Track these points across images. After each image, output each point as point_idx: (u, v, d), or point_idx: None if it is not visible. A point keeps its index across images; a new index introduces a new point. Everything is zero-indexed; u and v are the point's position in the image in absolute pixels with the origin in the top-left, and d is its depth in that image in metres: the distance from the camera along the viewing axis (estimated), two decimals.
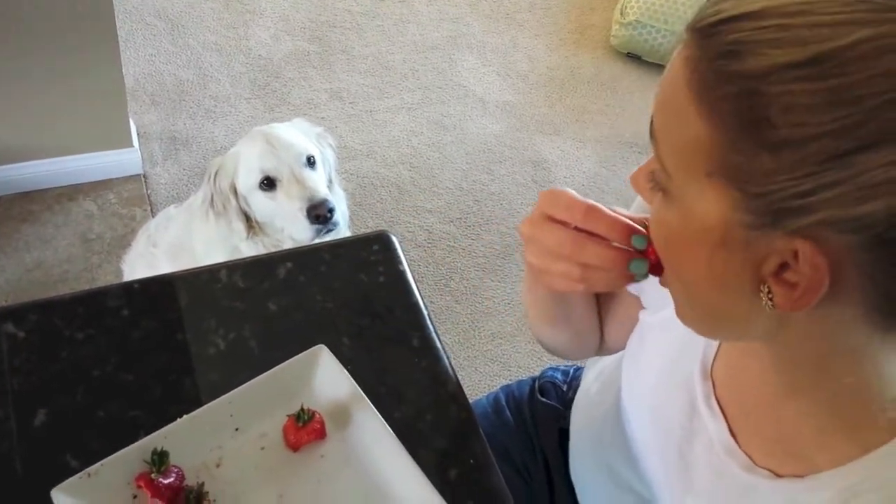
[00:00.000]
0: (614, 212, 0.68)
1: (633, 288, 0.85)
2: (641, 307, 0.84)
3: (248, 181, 1.57)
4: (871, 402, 0.57)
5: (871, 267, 0.47)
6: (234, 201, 1.59)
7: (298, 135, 1.62)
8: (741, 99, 0.47)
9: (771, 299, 0.52)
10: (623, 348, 0.87)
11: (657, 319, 0.80)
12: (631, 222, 0.66)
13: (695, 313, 0.62)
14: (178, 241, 1.72)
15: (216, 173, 1.60)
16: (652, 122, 0.56)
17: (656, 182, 0.57)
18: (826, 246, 0.47)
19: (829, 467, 0.60)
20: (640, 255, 0.65)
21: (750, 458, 0.67)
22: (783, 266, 0.50)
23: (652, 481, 0.82)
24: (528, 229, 0.71)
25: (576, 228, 0.68)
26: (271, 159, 1.55)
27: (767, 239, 0.49)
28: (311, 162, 1.59)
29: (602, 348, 0.96)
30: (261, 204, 1.58)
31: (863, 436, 0.59)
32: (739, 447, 0.68)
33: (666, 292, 0.67)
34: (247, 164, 1.57)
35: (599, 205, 0.68)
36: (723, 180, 0.50)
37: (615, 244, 0.66)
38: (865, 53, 0.44)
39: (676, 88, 0.52)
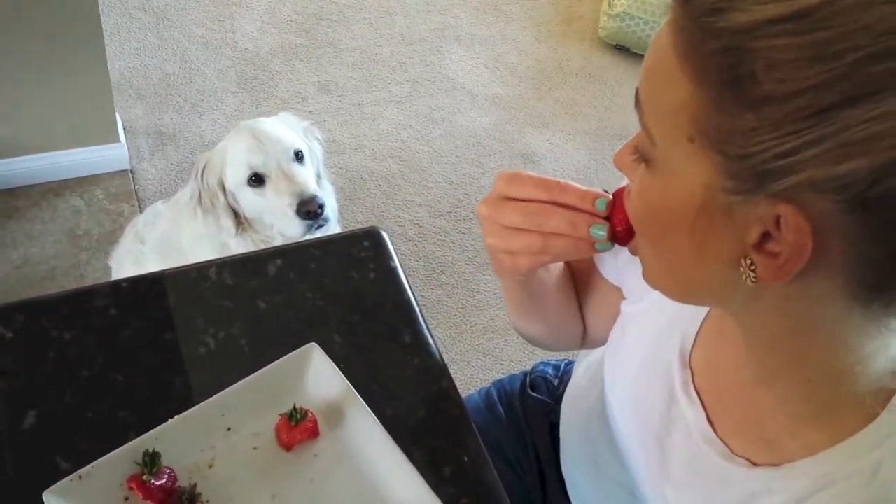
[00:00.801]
0: None
1: (612, 278, 0.85)
2: (623, 298, 0.84)
3: (235, 177, 1.56)
4: (845, 386, 0.57)
5: (853, 231, 0.47)
6: (222, 197, 1.58)
7: (285, 129, 1.61)
8: (726, 55, 0.47)
9: (753, 271, 0.52)
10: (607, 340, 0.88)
11: (638, 310, 0.80)
12: (599, 192, 0.68)
13: (668, 281, 0.62)
14: (165, 238, 1.71)
15: (203, 169, 1.59)
16: (637, 92, 0.56)
17: (640, 153, 0.57)
18: (808, 209, 0.47)
19: (802, 456, 0.61)
20: (603, 220, 0.65)
21: (727, 446, 0.68)
22: (765, 236, 0.50)
23: (635, 473, 0.82)
24: (488, 210, 0.70)
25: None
26: (258, 155, 1.53)
27: (750, 205, 0.49)
28: (298, 156, 1.57)
29: (586, 341, 0.96)
30: (249, 200, 1.57)
31: (835, 424, 0.59)
32: (717, 435, 0.69)
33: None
34: (234, 160, 1.55)
35: (565, 181, 0.69)
36: (705, 144, 0.50)
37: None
38: (849, 7, 0.44)
39: (662, 53, 0.52)
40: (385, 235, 1.00)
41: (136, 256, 1.74)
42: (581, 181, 2.20)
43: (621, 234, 0.64)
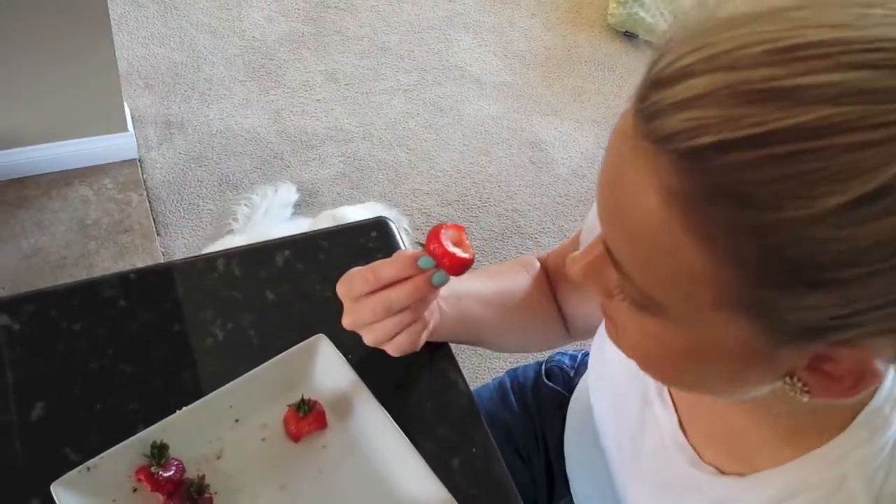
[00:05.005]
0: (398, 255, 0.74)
1: None
2: None
3: None
4: (820, 413, 0.57)
5: None
6: None
7: (368, 214, 1.60)
8: (775, 251, 0.39)
9: (807, 392, 0.48)
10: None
11: None
12: (409, 251, 0.73)
13: (687, 390, 0.60)
14: None
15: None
16: (608, 246, 0.48)
17: (631, 299, 0.49)
18: (869, 347, 0.44)
19: (769, 466, 0.61)
20: (434, 269, 0.72)
21: (697, 453, 0.67)
22: (817, 358, 0.46)
23: (613, 474, 0.82)
24: (349, 320, 0.76)
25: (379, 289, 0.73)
26: None
27: (799, 348, 0.45)
28: None
29: (573, 335, 0.97)
30: None
31: (798, 440, 0.59)
32: (688, 441, 0.68)
33: None
34: None
35: (381, 261, 0.74)
36: (739, 310, 0.43)
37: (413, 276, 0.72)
38: None
39: (656, 223, 0.42)
40: (393, 225, 1.00)
41: None
42: (590, 170, 2.19)
43: (453, 263, 0.71)
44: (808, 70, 0.37)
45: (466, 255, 0.72)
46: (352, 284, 0.74)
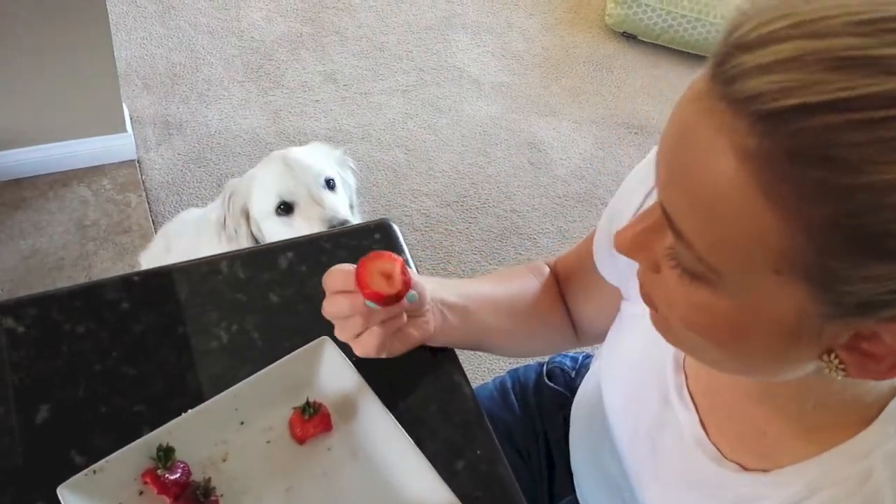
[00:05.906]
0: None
1: (612, 279, 0.85)
2: (623, 298, 0.84)
3: (262, 206, 1.52)
4: (845, 407, 0.57)
5: None
6: (244, 227, 1.55)
7: (318, 157, 1.57)
8: (850, 216, 0.40)
9: (843, 369, 0.49)
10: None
11: (638, 312, 0.80)
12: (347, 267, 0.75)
13: (726, 369, 0.59)
14: (187, 255, 1.69)
15: (231, 196, 1.56)
16: (667, 210, 0.48)
17: (683, 266, 0.49)
18: None
19: (792, 462, 0.61)
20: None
21: (719, 450, 0.67)
22: (856, 337, 0.47)
23: (627, 472, 0.82)
24: (325, 309, 0.78)
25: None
26: (288, 181, 1.50)
27: (847, 323, 0.46)
28: (330, 184, 1.54)
29: (582, 340, 0.97)
30: (275, 231, 1.52)
31: (820, 436, 0.59)
32: (709, 439, 0.68)
33: None
34: (262, 188, 1.52)
35: (335, 270, 0.77)
36: (800, 276, 0.44)
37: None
38: None
39: (728, 183, 0.43)
40: (395, 227, 1.00)
41: (162, 264, 1.73)
42: (588, 170, 2.20)
43: (376, 302, 0.74)
44: (893, 42, 0.38)
45: (387, 290, 0.73)
46: (334, 280, 0.77)
